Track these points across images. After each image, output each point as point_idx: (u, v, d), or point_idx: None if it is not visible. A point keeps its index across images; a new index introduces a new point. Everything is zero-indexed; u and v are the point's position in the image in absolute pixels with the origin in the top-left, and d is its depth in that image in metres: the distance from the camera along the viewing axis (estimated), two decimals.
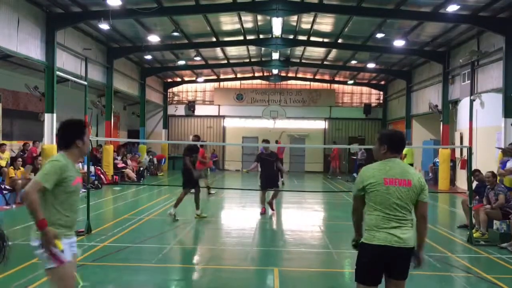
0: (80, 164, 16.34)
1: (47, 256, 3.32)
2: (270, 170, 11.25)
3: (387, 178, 3.60)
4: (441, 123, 19.49)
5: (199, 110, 29.66)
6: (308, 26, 18.29)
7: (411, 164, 21.59)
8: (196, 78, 28.36)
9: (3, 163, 12.92)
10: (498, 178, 9.22)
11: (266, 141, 11.89)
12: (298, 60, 24.65)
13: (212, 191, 15.09)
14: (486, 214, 8.59)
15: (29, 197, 3.23)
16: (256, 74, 29.02)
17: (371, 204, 3.66)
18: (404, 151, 22.32)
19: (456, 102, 18.78)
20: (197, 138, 11.65)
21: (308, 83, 29.60)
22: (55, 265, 3.34)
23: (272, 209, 11.51)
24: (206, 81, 29.07)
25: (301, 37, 20.20)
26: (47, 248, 3.28)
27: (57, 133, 3.79)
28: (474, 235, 8.41)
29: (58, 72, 14.73)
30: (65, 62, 15.77)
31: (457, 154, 19.03)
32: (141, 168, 21.09)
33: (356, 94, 29.91)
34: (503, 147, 13.21)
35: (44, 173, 3.37)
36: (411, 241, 3.60)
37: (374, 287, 3.72)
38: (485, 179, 9.16)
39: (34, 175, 13.09)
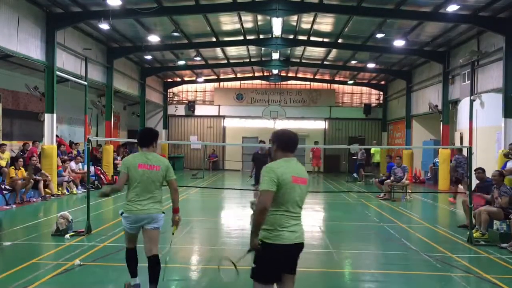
0: (80, 164, 16.36)
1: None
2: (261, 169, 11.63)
3: (294, 176, 3.66)
4: (441, 123, 19.49)
5: (199, 110, 29.68)
6: (308, 26, 18.29)
7: (378, 163, 22.56)
8: (196, 78, 28.37)
9: (3, 163, 12.91)
10: (506, 178, 9.22)
11: (262, 141, 12.92)
12: (298, 60, 24.66)
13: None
14: (488, 214, 8.58)
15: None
16: (256, 74, 29.03)
17: (278, 202, 3.60)
18: (372, 150, 22.84)
19: (456, 102, 18.77)
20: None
21: (308, 83, 29.61)
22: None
23: None
24: (206, 81, 29.08)
25: (301, 37, 20.20)
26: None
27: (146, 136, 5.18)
28: (474, 235, 8.41)
29: (58, 72, 14.72)
30: (65, 62, 15.77)
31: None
32: None
33: (356, 94, 29.92)
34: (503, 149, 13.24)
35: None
36: (303, 237, 3.78)
37: (272, 285, 3.73)
38: (484, 177, 9.21)
39: (35, 174, 13.10)
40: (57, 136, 18.28)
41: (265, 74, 28.87)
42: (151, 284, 5.03)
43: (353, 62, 23.22)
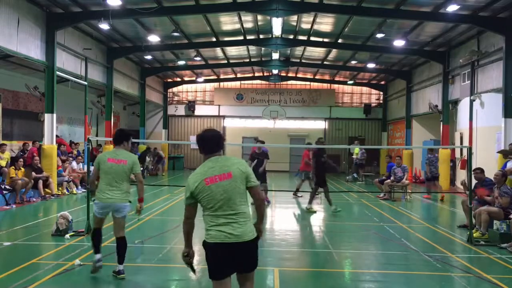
0: (80, 164, 16.36)
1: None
2: (258, 167, 12.42)
3: (207, 178, 3.65)
4: (441, 123, 19.48)
5: (199, 110, 29.68)
6: (308, 26, 18.29)
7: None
8: (196, 78, 28.37)
9: (3, 163, 12.91)
10: (508, 178, 9.21)
11: (261, 141, 13.51)
12: (298, 60, 24.65)
13: (299, 194, 14.94)
14: (488, 214, 8.57)
15: None
16: (256, 74, 29.03)
17: (203, 207, 3.71)
18: (356, 150, 23.34)
19: (456, 102, 18.78)
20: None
21: (308, 83, 29.61)
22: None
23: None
24: (206, 81, 29.08)
25: (301, 37, 20.20)
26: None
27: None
28: (474, 235, 8.41)
29: (58, 72, 14.73)
30: (65, 62, 15.77)
31: (457, 154, 19.03)
32: (141, 168, 21.09)
33: (356, 94, 29.92)
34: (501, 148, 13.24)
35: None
36: (246, 235, 3.63)
37: (227, 278, 3.73)
38: (482, 178, 9.23)
39: (36, 174, 13.10)
40: (57, 136, 18.29)
41: (265, 74, 28.87)
42: (118, 260, 5.91)
43: (353, 62, 23.22)
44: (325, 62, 24.14)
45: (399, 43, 17.44)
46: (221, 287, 3.73)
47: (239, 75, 29.10)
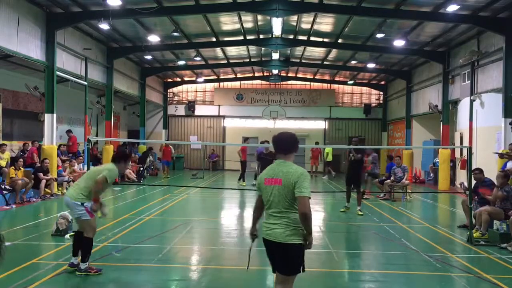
0: (80, 164, 16.37)
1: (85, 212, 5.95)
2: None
3: (266, 178, 3.98)
4: (441, 123, 19.48)
5: (199, 110, 29.68)
6: (308, 26, 18.29)
7: (329, 162, 24.85)
8: (196, 78, 28.37)
9: (3, 163, 12.91)
10: (510, 178, 9.19)
11: (266, 141, 13.52)
12: (298, 60, 24.65)
13: (366, 196, 14.80)
14: (488, 214, 8.57)
15: None
16: (256, 74, 29.03)
17: (263, 201, 4.04)
18: (326, 150, 24.12)
19: (456, 102, 18.78)
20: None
21: (308, 83, 29.60)
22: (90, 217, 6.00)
23: None
24: (206, 81, 29.08)
25: (301, 37, 20.20)
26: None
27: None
28: (474, 235, 8.41)
29: (58, 72, 14.73)
30: (65, 62, 15.77)
31: (457, 154, 19.03)
32: (141, 169, 21.09)
33: (356, 94, 29.92)
34: (499, 151, 13.23)
35: None
36: (282, 238, 3.81)
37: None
38: (481, 178, 9.26)
39: (43, 175, 13.10)
40: (70, 131, 18.40)
41: (265, 74, 28.87)
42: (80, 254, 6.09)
43: (353, 62, 23.22)
44: (325, 62, 24.14)
45: (399, 43, 17.44)
46: (276, 277, 4.07)
47: (239, 75, 29.10)
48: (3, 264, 3.94)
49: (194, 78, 28.61)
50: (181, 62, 23.70)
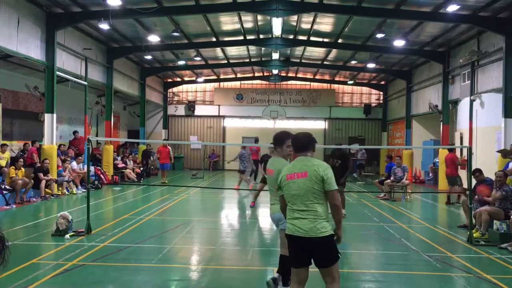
0: (80, 164, 16.37)
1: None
2: None
3: (289, 174, 4.09)
4: (441, 123, 19.48)
5: (199, 110, 29.68)
6: (308, 26, 18.29)
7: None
8: (196, 78, 28.37)
9: (3, 163, 12.91)
10: (509, 179, 9.19)
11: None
12: (298, 60, 24.65)
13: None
14: (488, 214, 8.57)
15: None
16: (256, 74, 29.04)
17: (286, 200, 4.15)
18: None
19: (456, 102, 18.77)
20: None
21: (308, 83, 29.61)
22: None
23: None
24: (206, 81, 29.08)
25: (301, 37, 20.20)
26: None
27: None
28: (474, 235, 8.41)
29: (58, 72, 14.72)
30: (65, 62, 15.77)
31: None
32: (141, 169, 21.10)
33: (356, 94, 29.92)
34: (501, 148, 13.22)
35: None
36: (314, 232, 3.90)
37: (303, 268, 4.07)
38: (483, 178, 9.22)
39: (43, 176, 13.11)
40: (77, 132, 18.43)
41: (265, 74, 28.87)
42: None
43: (353, 62, 23.22)
44: (325, 62, 24.14)
45: (399, 43, 17.44)
46: (296, 275, 4.09)
47: (239, 75, 29.11)
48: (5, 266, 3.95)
49: (194, 78, 28.61)
50: (181, 62, 23.70)
